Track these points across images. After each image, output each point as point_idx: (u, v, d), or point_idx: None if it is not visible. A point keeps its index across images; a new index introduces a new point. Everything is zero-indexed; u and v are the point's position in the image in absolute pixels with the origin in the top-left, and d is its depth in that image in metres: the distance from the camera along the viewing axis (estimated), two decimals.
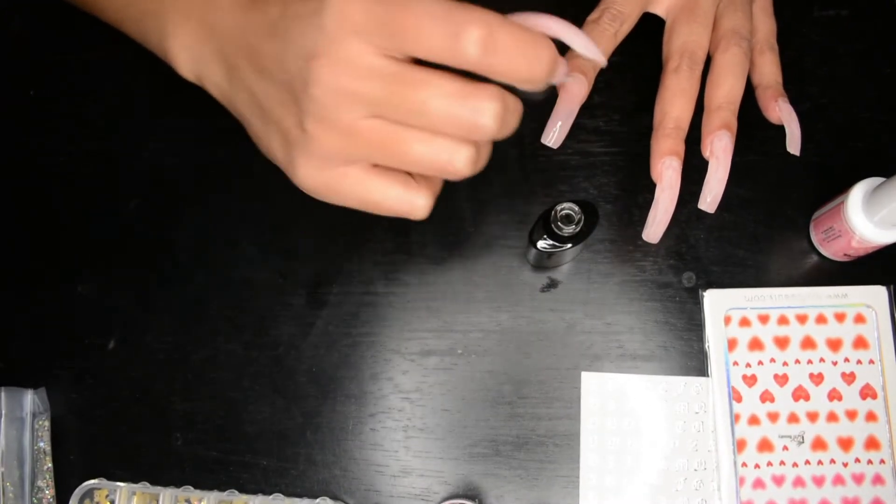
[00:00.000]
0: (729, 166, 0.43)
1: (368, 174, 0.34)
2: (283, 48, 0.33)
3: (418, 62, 0.31)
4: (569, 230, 0.41)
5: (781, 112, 0.45)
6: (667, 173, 0.43)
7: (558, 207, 0.41)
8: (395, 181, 0.35)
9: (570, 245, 0.42)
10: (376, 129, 0.32)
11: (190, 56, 0.38)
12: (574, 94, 0.44)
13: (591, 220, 0.41)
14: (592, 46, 0.35)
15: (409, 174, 0.35)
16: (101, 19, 0.43)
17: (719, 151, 0.43)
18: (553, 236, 0.41)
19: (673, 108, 0.43)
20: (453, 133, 0.32)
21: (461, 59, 0.30)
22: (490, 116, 0.31)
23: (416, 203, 0.35)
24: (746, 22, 0.45)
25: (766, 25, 0.47)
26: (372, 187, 0.35)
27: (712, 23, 0.45)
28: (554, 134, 0.44)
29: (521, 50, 0.30)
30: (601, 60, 0.37)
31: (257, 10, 0.35)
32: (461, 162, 0.33)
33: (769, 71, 0.47)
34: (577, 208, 0.41)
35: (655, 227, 0.43)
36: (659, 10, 0.46)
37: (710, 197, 0.43)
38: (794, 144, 0.45)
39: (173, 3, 0.38)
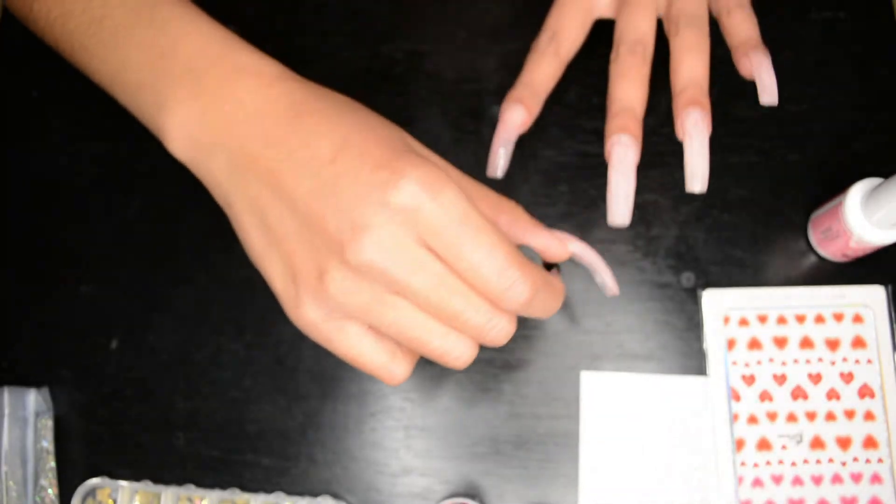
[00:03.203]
0: (706, 141, 0.41)
1: (364, 335, 0.34)
2: (324, 197, 0.32)
3: None
4: None
5: (752, 63, 0.42)
6: (615, 150, 0.41)
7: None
8: (384, 348, 0.35)
9: None
10: (400, 308, 0.33)
11: (188, 136, 0.35)
12: (511, 123, 0.44)
13: None
14: (614, 285, 0.42)
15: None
16: (93, 80, 0.40)
17: (690, 127, 0.41)
18: None
19: (616, 90, 0.43)
20: (471, 336, 0.34)
21: (499, 303, 0.33)
22: (505, 336, 0.34)
23: (395, 373, 0.36)
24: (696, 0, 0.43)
25: None
26: (363, 349, 0.35)
27: (654, 7, 0.44)
28: (499, 162, 0.44)
29: (546, 303, 0.35)
30: (615, 292, 0.43)
31: (297, 132, 0.33)
32: (465, 359, 0.35)
33: (739, 29, 0.43)
34: None
35: (613, 207, 0.41)
36: (606, 12, 0.46)
37: (692, 176, 0.41)
38: (766, 94, 0.41)
39: (177, 78, 0.35)
